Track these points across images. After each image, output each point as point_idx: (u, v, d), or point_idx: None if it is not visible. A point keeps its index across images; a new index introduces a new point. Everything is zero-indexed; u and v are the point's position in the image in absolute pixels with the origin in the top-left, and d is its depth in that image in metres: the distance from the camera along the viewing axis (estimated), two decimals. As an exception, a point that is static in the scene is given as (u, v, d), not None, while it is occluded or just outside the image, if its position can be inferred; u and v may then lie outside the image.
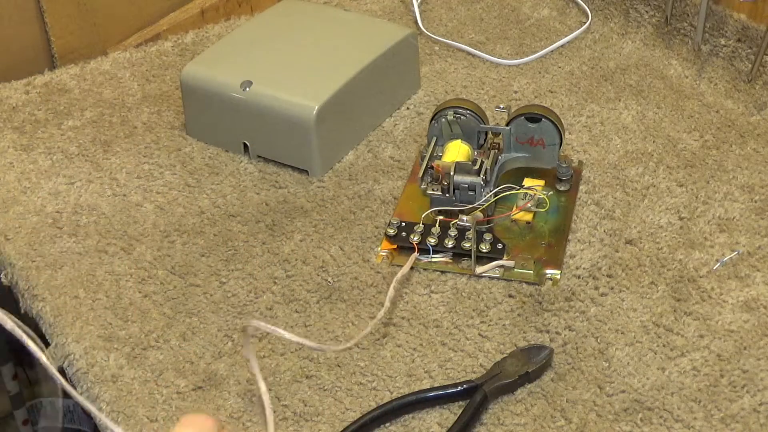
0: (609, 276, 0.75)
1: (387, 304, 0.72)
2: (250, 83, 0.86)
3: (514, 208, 0.79)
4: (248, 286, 0.77)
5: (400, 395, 0.68)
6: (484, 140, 0.83)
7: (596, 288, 0.74)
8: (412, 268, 0.77)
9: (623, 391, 0.67)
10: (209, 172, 0.88)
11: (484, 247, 0.76)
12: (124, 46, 1.05)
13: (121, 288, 0.78)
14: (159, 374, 0.71)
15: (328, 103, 0.85)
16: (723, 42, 0.95)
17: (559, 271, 0.76)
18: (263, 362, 0.71)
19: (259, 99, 0.86)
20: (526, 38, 1.02)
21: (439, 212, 0.79)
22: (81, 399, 0.51)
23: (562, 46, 1.00)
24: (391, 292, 0.73)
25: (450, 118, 0.82)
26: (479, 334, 0.72)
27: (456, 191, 0.79)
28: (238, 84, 0.87)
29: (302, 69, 0.88)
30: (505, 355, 0.70)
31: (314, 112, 0.84)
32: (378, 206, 0.83)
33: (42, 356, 0.49)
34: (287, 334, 0.58)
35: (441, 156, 0.81)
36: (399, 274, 0.74)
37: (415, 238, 0.77)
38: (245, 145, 0.89)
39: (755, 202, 0.80)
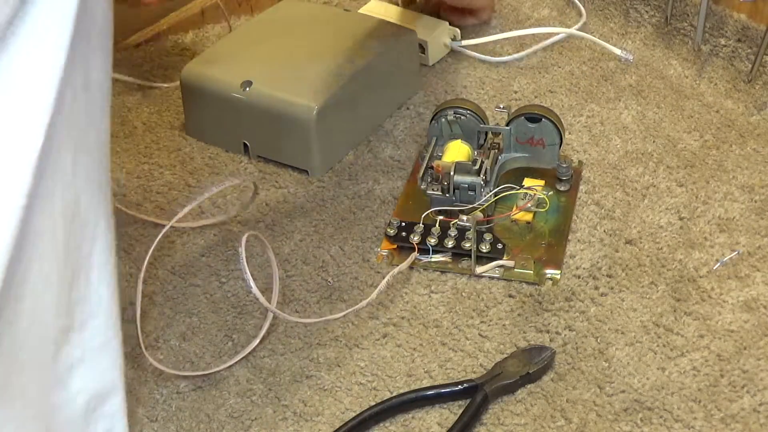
0: (609, 276, 0.75)
1: (373, 295, 0.72)
2: (250, 83, 0.86)
3: (514, 208, 0.79)
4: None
5: (400, 394, 0.68)
6: (484, 140, 0.83)
7: (596, 288, 0.74)
8: (411, 267, 0.77)
9: (623, 391, 0.67)
10: (209, 172, 0.88)
11: (484, 247, 0.76)
12: (124, 46, 1.05)
13: (121, 288, 0.77)
14: (159, 374, 0.71)
15: (328, 103, 0.85)
16: (723, 42, 0.95)
17: (559, 271, 0.76)
18: (263, 362, 0.71)
19: (259, 99, 0.86)
20: (526, 38, 1.02)
21: (439, 212, 0.79)
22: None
23: (556, 42, 1.00)
24: (382, 284, 0.73)
25: (450, 118, 0.82)
26: (479, 334, 0.72)
27: (456, 191, 0.79)
28: (238, 84, 0.87)
29: (302, 69, 0.88)
30: (505, 355, 0.70)
31: (314, 112, 0.84)
32: (378, 206, 0.83)
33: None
34: (249, 278, 0.66)
35: (441, 156, 0.81)
36: (395, 270, 0.74)
37: (415, 238, 0.78)
38: (245, 145, 0.89)
39: (755, 202, 0.80)
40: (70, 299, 0.59)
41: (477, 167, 0.79)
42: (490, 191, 0.79)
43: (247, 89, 0.86)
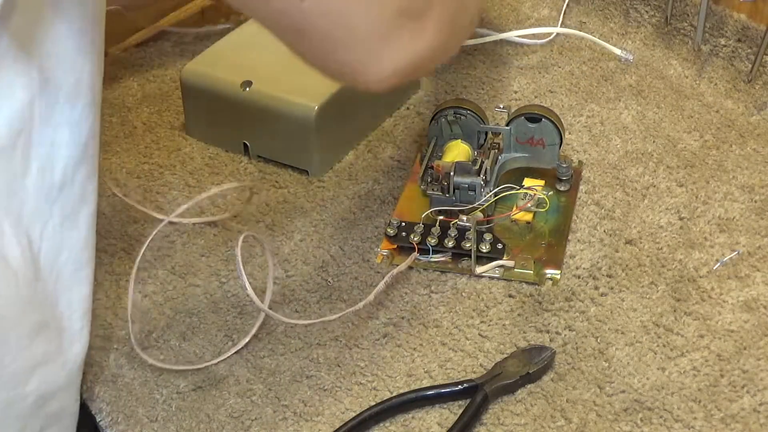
0: (609, 276, 0.75)
1: (371, 296, 0.72)
2: (250, 83, 0.86)
3: (514, 208, 0.79)
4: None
5: (400, 394, 0.68)
6: (484, 140, 0.83)
7: (596, 288, 0.74)
8: (411, 267, 0.77)
9: (623, 391, 0.67)
10: (209, 172, 0.88)
11: (484, 247, 0.76)
12: (124, 46, 1.05)
13: (121, 288, 0.78)
14: (159, 374, 0.71)
15: (328, 103, 0.84)
16: (723, 42, 0.95)
17: (559, 271, 0.76)
18: (263, 362, 0.71)
19: (259, 99, 0.86)
20: (526, 38, 1.02)
21: (439, 212, 0.79)
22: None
23: (556, 41, 1.00)
24: (380, 286, 0.73)
25: (450, 118, 0.82)
26: (479, 334, 0.72)
27: (456, 191, 0.79)
28: (238, 84, 0.87)
29: (302, 69, 0.88)
30: (505, 356, 0.70)
31: (314, 111, 0.84)
32: (378, 206, 0.83)
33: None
34: (245, 278, 0.67)
35: (441, 156, 0.81)
36: (395, 271, 0.74)
37: (415, 238, 0.77)
38: (245, 146, 0.89)
39: (755, 202, 0.80)
40: (37, 298, 0.59)
41: (477, 167, 0.79)
42: (490, 191, 0.79)
43: (247, 89, 0.86)
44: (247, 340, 0.72)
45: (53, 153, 0.59)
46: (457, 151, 0.81)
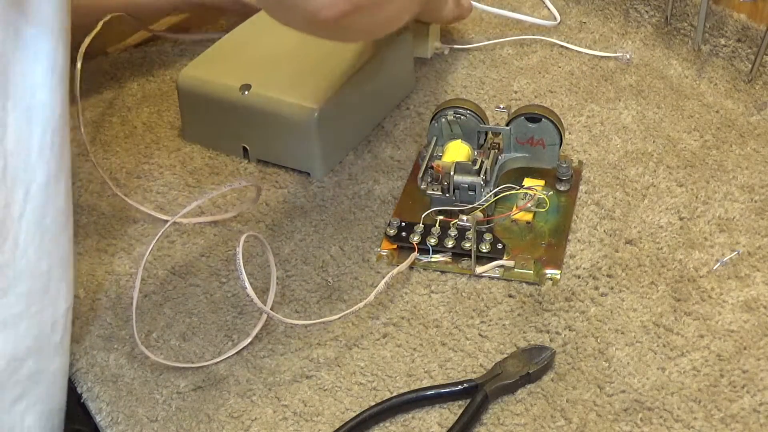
0: (609, 276, 0.75)
1: (371, 297, 0.72)
2: (249, 86, 0.86)
3: (514, 208, 0.79)
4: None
5: (400, 394, 0.68)
6: (484, 140, 0.83)
7: (596, 288, 0.74)
8: (411, 267, 0.77)
9: (623, 391, 0.67)
10: (209, 172, 0.88)
11: (484, 247, 0.76)
12: (124, 46, 1.05)
13: (121, 288, 0.78)
14: (159, 374, 0.71)
15: (328, 104, 0.84)
16: (723, 42, 0.95)
17: (559, 271, 0.76)
18: (263, 362, 0.71)
19: (259, 102, 0.85)
20: (526, 40, 1.02)
21: (439, 212, 0.79)
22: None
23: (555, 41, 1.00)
24: (380, 286, 0.73)
25: (450, 118, 0.82)
26: (479, 334, 0.72)
27: (456, 191, 0.79)
28: (237, 87, 0.86)
29: (301, 70, 0.88)
30: (505, 356, 0.70)
31: (316, 114, 0.84)
32: (378, 206, 0.83)
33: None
34: (245, 278, 0.66)
35: (441, 156, 0.81)
36: (394, 271, 0.74)
37: (415, 238, 0.78)
38: (245, 149, 0.88)
39: (755, 202, 0.80)
40: (4, 258, 0.59)
41: (477, 167, 0.79)
42: (490, 191, 0.79)
43: (246, 93, 0.86)
44: (248, 341, 0.72)
45: (30, 115, 0.59)
46: (457, 151, 0.81)
